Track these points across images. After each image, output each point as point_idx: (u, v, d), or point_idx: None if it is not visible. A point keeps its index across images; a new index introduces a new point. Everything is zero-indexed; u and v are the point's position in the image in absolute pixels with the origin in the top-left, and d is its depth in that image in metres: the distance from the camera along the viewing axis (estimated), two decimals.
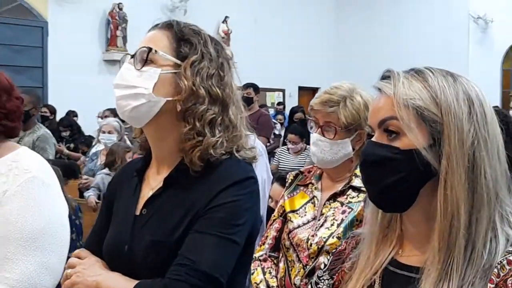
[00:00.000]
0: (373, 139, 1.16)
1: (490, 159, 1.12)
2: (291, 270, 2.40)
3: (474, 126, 1.12)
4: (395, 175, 1.11)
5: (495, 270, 1.08)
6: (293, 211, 2.47)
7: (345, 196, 2.37)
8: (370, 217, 1.24)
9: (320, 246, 2.29)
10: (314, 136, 2.38)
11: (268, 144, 8.62)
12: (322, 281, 1.31)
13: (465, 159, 1.10)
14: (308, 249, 2.32)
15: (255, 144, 1.78)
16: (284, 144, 8.33)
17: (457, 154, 1.10)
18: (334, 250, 1.40)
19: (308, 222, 2.40)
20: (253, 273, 2.49)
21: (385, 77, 1.19)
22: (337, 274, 1.29)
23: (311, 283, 1.33)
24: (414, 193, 1.13)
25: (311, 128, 2.41)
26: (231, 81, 1.70)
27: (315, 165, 2.54)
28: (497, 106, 3.67)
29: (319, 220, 2.38)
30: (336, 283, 1.28)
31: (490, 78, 14.22)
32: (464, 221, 1.09)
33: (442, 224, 1.10)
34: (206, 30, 1.73)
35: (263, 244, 2.55)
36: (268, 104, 14.18)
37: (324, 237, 2.30)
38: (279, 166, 7.19)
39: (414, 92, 1.13)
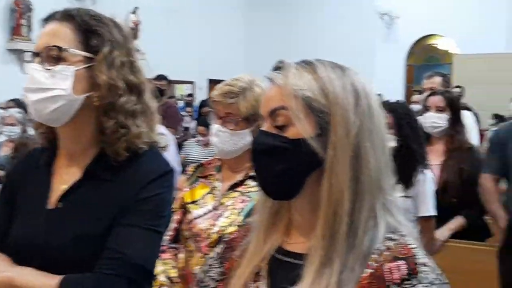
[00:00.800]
0: (263, 128, 1.18)
1: (374, 149, 1.15)
2: (191, 260, 2.42)
3: (359, 118, 1.15)
4: (283, 164, 1.14)
5: (374, 256, 1.12)
6: (193, 202, 2.49)
7: (244, 186, 2.40)
8: (259, 206, 1.26)
9: (220, 235, 2.31)
10: (215, 127, 2.40)
11: (176, 136, 8.60)
12: (213, 269, 1.33)
13: (350, 149, 1.13)
14: (208, 238, 2.34)
15: (165, 135, 1.79)
16: (194, 136, 8.32)
17: (342, 144, 1.13)
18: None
19: (209, 212, 2.43)
20: None
21: (277, 67, 1.21)
22: (227, 262, 1.30)
23: (202, 271, 1.34)
24: (301, 182, 1.15)
25: (212, 119, 2.43)
26: (140, 65, 1.68)
27: (216, 157, 2.56)
28: (402, 100, 3.80)
29: (219, 210, 2.41)
30: (226, 271, 1.29)
31: (395, 73, 14.66)
32: (347, 209, 1.12)
33: (326, 212, 1.13)
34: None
35: None
36: (177, 96, 14.09)
37: (224, 226, 2.33)
38: (188, 158, 7.18)
39: (304, 83, 1.15)
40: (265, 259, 1.22)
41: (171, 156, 3.13)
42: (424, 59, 15.06)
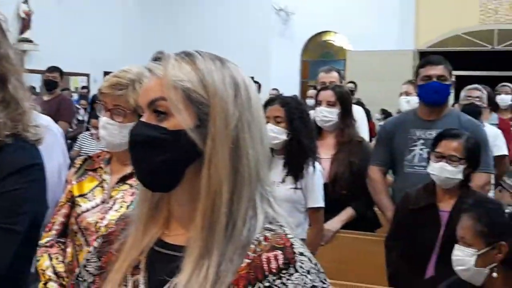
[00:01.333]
0: (142, 119, 1.17)
1: (253, 141, 1.16)
2: (79, 254, 2.37)
3: (238, 109, 1.15)
4: (162, 155, 1.13)
5: (252, 246, 1.13)
6: (81, 195, 2.43)
7: (134, 179, 2.36)
8: (139, 198, 1.25)
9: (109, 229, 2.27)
10: (103, 119, 2.35)
11: (70, 129, 8.37)
12: (90, 263, 1.30)
13: (229, 140, 1.13)
14: (97, 232, 2.30)
15: (52, 128, 1.71)
16: (88, 129, 8.13)
17: (221, 135, 1.13)
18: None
19: (97, 205, 2.38)
20: (39, 260, 2.41)
21: (157, 58, 1.20)
22: (105, 256, 1.28)
23: (81, 266, 1.31)
24: (180, 173, 1.15)
25: (100, 111, 2.38)
26: (8, 52, 1.59)
27: (104, 149, 2.52)
28: (295, 95, 3.86)
29: (108, 203, 2.37)
30: (104, 265, 1.27)
31: (290, 69, 14.89)
32: (226, 200, 1.12)
33: (205, 203, 1.13)
34: (5, 10, 1.62)
35: (50, 230, 2.48)
36: (72, 89, 13.73)
37: (113, 220, 2.29)
38: (82, 151, 7.01)
39: (183, 74, 1.15)
40: (144, 252, 1.21)
41: (56, 149, 3.03)
42: (319, 55, 15.36)
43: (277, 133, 3.41)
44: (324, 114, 4.10)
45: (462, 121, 3.80)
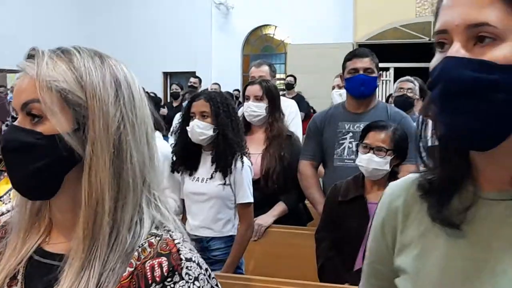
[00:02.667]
0: (15, 123, 1.09)
1: (137, 143, 1.11)
2: None
3: (120, 110, 1.09)
4: (38, 162, 1.05)
5: (136, 253, 1.08)
6: None
7: None
8: (18, 204, 1.18)
9: None
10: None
11: (5, 128, 8.15)
12: None
13: (110, 144, 1.07)
14: None
15: None
16: None
17: (101, 139, 1.06)
18: None
19: (13, 209, 2.29)
20: None
21: (30, 56, 1.12)
22: None
23: None
24: (58, 180, 1.08)
25: (13, 111, 2.29)
26: None
27: None
28: (237, 90, 3.83)
29: None
30: None
31: (232, 63, 14.86)
32: (109, 208, 1.06)
33: (86, 211, 1.07)
34: None
35: None
36: (8, 86, 13.39)
37: None
38: None
39: (59, 74, 1.07)
40: (23, 261, 1.14)
41: None
42: (260, 48, 15.37)
43: (203, 129, 3.37)
44: (252, 109, 4.07)
45: (390, 113, 3.82)
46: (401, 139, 3.20)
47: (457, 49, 0.96)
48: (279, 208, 4.02)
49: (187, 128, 3.42)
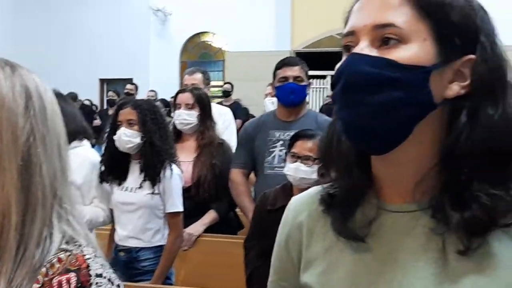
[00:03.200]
0: None
1: (48, 156, 1.07)
2: None
3: (30, 122, 1.05)
4: None
5: (44, 269, 1.04)
6: None
7: None
8: None
9: None
10: None
11: None
12: None
13: (18, 156, 1.03)
14: None
15: None
16: None
17: (9, 151, 1.02)
18: None
19: None
20: None
21: None
22: None
23: None
24: None
25: None
26: None
27: None
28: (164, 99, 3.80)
29: None
30: None
31: (169, 70, 14.78)
32: (15, 223, 1.02)
33: None
34: None
35: None
36: None
37: None
38: None
39: None
40: None
41: None
42: (198, 55, 15.33)
43: (130, 137, 3.33)
44: (183, 117, 4.05)
45: (319, 122, 3.85)
46: None
47: (362, 47, 0.97)
48: (210, 216, 4.00)
49: (114, 137, 3.37)
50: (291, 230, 1.16)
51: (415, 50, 0.95)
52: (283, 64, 3.89)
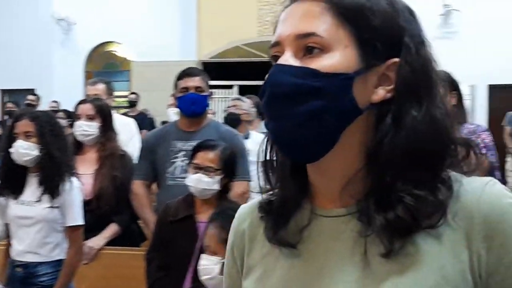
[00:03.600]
0: None
1: None
2: None
3: None
4: None
5: None
6: None
7: None
8: None
9: None
10: None
11: None
12: None
13: None
14: None
15: None
16: None
17: None
18: None
19: None
20: None
21: None
22: None
23: None
24: None
25: None
26: None
27: None
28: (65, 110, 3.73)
29: None
30: None
31: (74, 80, 14.42)
32: None
33: None
34: None
35: None
36: None
37: None
38: None
39: None
40: None
41: None
42: (103, 65, 15.08)
43: (28, 149, 3.25)
44: (84, 128, 3.99)
45: (220, 132, 3.88)
46: (230, 158, 3.24)
47: (286, 58, 0.98)
48: (111, 229, 3.95)
49: (11, 149, 3.27)
50: (236, 238, 1.17)
51: (337, 58, 0.96)
52: (184, 74, 3.90)
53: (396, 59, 0.97)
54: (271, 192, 1.10)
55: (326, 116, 0.95)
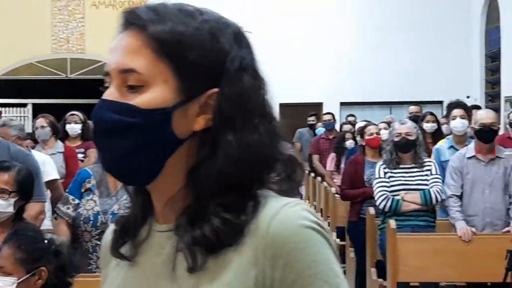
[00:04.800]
0: None
1: None
2: None
3: None
4: None
5: None
6: None
7: None
8: None
9: None
10: None
11: None
12: None
13: None
14: None
15: None
16: None
17: None
18: None
19: None
20: None
21: None
22: None
23: None
24: None
25: None
26: None
27: None
28: None
29: None
30: None
31: None
32: None
33: None
34: None
35: None
36: None
37: None
38: None
39: None
40: None
41: None
42: None
43: None
44: None
45: (11, 152, 3.80)
46: (25, 179, 3.20)
47: (110, 92, 1.02)
48: None
49: None
50: (102, 249, 1.23)
51: (156, 93, 0.99)
52: None
53: (215, 90, 1.01)
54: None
55: (148, 149, 1.00)
